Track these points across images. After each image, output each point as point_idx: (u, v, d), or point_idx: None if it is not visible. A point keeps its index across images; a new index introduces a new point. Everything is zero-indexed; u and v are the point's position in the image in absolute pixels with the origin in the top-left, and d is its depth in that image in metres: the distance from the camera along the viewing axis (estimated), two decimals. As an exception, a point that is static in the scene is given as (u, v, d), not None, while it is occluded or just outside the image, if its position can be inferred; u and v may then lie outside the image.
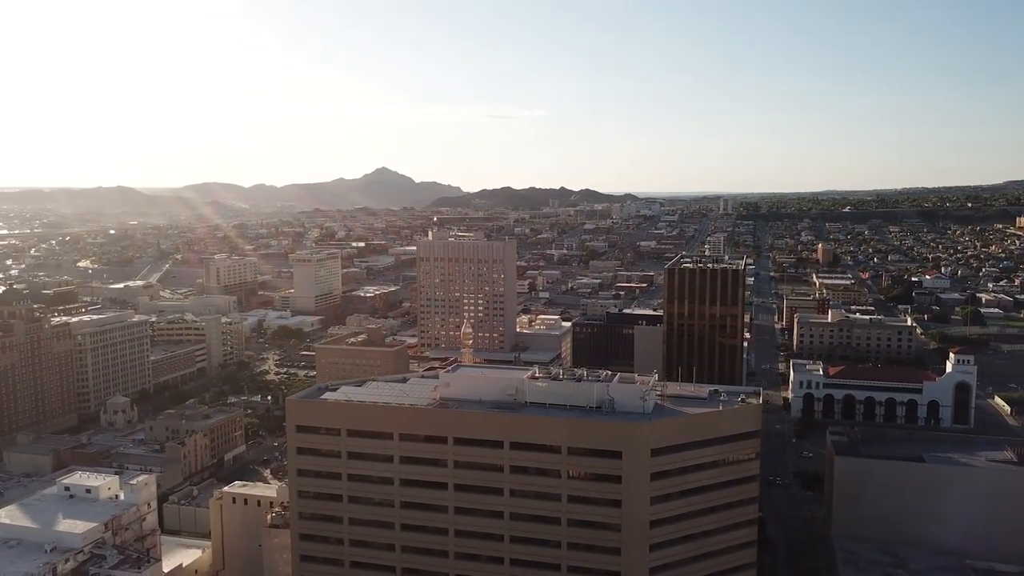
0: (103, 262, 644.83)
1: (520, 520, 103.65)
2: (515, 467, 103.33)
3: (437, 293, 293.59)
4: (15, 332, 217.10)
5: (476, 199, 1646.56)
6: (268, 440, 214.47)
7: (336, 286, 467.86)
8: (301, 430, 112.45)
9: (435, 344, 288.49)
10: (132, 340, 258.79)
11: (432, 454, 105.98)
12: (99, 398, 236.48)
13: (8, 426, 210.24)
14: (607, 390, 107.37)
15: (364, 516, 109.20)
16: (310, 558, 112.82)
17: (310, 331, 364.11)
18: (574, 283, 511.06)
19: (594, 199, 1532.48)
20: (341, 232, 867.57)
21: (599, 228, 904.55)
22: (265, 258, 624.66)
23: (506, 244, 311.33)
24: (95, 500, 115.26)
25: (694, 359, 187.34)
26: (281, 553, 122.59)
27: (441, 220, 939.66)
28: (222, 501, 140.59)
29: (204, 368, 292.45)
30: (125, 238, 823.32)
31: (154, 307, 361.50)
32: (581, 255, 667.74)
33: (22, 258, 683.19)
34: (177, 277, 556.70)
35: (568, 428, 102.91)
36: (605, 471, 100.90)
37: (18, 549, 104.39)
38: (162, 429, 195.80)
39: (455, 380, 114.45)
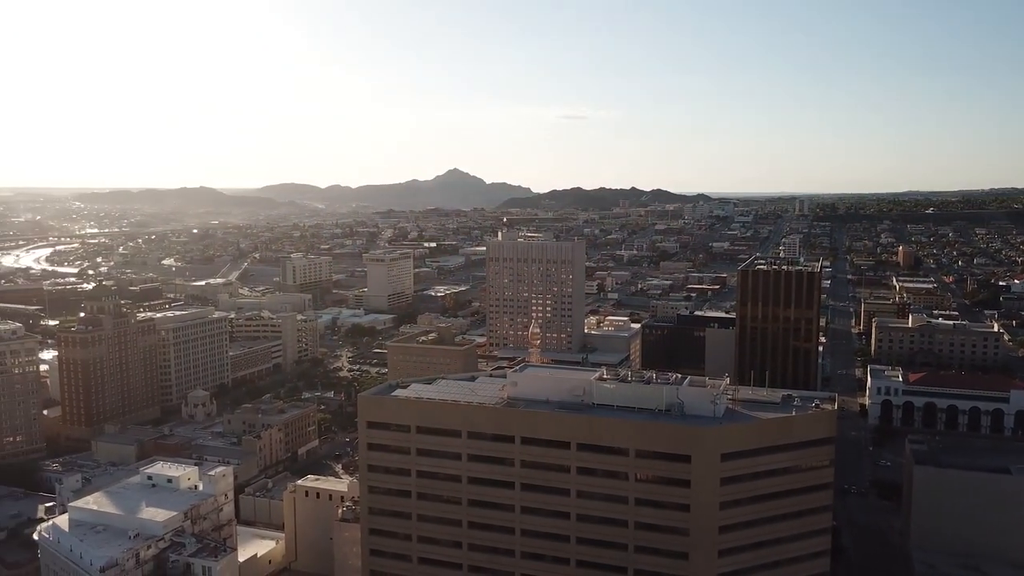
0: (186, 260, 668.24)
1: (587, 521, 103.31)
2: (582, 468, 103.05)
3: (506, 293, 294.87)
4: (104, 326, 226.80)
5: (546, 200, 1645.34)
6: (340, 435, 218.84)
7: (408, 285, 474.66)
8: (372, 426, 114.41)
9: (503, 344, 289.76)
10: (212, 336, 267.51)
11: (499, 453, 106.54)
12: (181, 391, 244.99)
13: (97, 416, 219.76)
14: (676, 393, 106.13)
15: (432, 513, 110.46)
16: (379, 553, 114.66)
17: (382, 329, 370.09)
18: (644, 284, 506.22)
19: (666, 199, 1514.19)
20: (413, 232, 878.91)
21: (670, 229, 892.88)
22: (340, 257, 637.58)
23: (575, 245, 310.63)
24: (176, 490, 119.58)
25: (767, 363, 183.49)
26: (351, 547, 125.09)
27: (511, 221, 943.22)
28: (295, 494, 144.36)
29: (280, 364, 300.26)
30: (207, 237, 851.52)
31: (233, 304, 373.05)
32: (651, 256, 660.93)
33: (111, 256, 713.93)
34: (255, 275, 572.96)
35: (636, 430, 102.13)
36: (673, 475, 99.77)
37: (104, 534, 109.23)
38: (239, 423, 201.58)
39: (523, 380, 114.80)
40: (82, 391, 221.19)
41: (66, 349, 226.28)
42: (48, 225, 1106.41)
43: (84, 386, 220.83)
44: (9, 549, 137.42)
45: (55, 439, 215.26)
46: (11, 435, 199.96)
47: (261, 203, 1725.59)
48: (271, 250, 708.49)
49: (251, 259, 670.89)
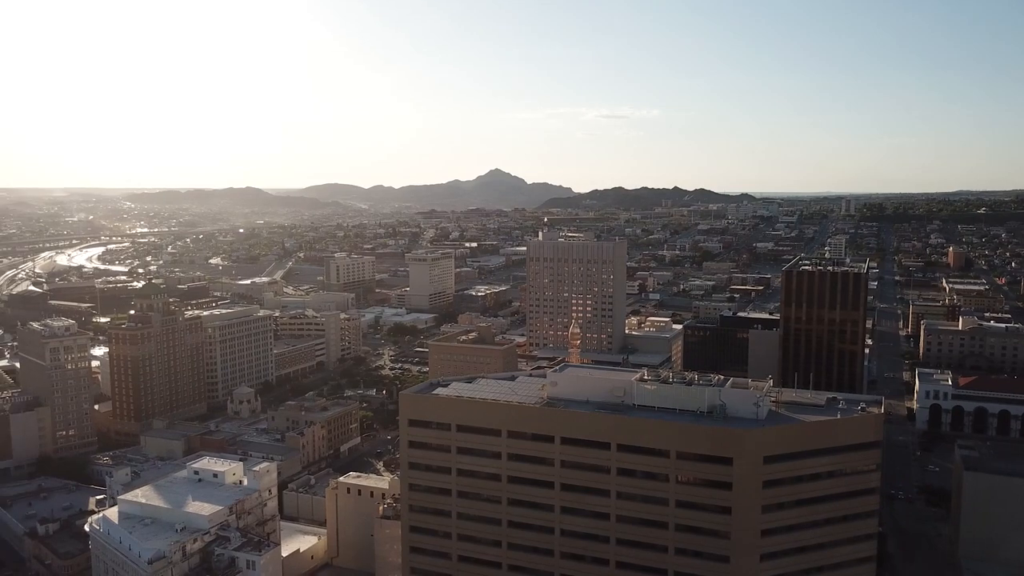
0: (232, 259, 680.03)
1: (626, 523, 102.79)
2: (622, 469, 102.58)
3: (546, 293, 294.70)
4: (153, 323, 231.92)
5: (587, 200, 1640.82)
6: (382, 433, 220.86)
7: (449, 285, 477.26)
8: (413, 424, 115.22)
9: (543, 344, 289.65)
10: (257, 334, 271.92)
11: (539, 452, 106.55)
12: (226, 388, 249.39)
13: (146, 412, 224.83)
14: (719, 395, 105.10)
15: (472, 511, 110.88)
16: (419, 550, 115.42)
17: (423, 328, 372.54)
18: (686, 285, 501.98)
19: (708, 199, 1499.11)
20: (455, 233, 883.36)
21: (713, 229, 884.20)
22: (382, 257, 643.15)
23: (616, 245, 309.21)
24: (221, 484, 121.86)
25: (811, 365, 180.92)
26: (392, 544, 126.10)
27: (551, 221, 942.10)
28: (337, 491, 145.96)
29: (323, 362, 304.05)
30: (252, 237, 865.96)
31: (278, 303, 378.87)
32: (694, 256, 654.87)
33: (160, 255, 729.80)
34: (300, 274, 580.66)
35: (677, 432, 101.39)
36: (715, 477, 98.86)
37: (152, 527, 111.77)
38: (283, 419, 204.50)
39: (562, 380, 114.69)
40: (131, 387, 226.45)
41: (117, 346, 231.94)
42: (100, 225, 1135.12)
43: (134, 382, 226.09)
44: (62, 540, 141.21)
45: (106, 433, 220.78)
46: (64, 429, 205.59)
47: (306, 203, 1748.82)
48: (315, 249, 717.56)
49: (296, 258, 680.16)
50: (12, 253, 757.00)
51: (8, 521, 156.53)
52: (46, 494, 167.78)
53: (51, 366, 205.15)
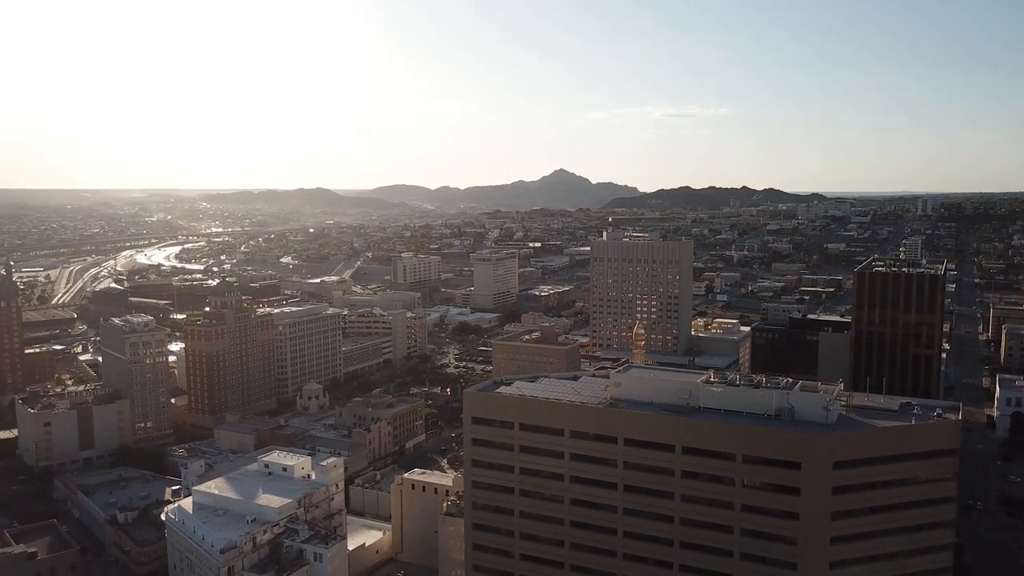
0: (302, 258, 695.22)
1: (691, 526, 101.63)
2: (686, 472, 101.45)
3: (610, 293, 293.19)
4: (227, 320, 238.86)
5: (652, 199, 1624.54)
6: (446, 430, 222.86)
7: (513, 285, 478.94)
8: (477, 422, 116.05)
9: (607, 344, 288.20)
10: (326, 331, 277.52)
11: (602, 453, 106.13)
12: (296, 384, 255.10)
13: (219, 406, 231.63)
14: (787, 398, 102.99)
15: (534, 510, 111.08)
16: (482, 548, 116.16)
17: (487, 327, 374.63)
18: (754, 286, 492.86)
19: (778, 199, 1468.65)
20: (519, 233, 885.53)
21: (783, 229, 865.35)
22: (448, 257, 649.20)
23: (682, 245, 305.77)
24: (290, 478, 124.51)
25: (884, 369, 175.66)
26: (455, 540, 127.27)
27: (616, 220, 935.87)
28: (402, 487, 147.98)
29: (389, 360, 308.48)
30: (322, 236, 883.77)
31: (346, 301, 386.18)
32: (763, 257, 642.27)
33: (234, 253, 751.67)
34: (368, 273, 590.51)
35: (744, 435, 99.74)
36: (782, 482, 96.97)
37: (224, 518, 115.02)
38: (350, 416, 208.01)
39: (626, 380, 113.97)
40: (206, 381, 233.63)
41: (192, 341, 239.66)
42: (177, 224, 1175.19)
43: (208, 376, 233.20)
44: (139, 528, 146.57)
45: (181, 426, 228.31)
46: (142, 421, 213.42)
47: (374, 204, 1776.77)
48: (383, 249, 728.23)
49: (364, 258, 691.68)
50: (96, 252, 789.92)
51: (90, 508, 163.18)
52: (125, 483, 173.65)
53: (130, 360, 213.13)
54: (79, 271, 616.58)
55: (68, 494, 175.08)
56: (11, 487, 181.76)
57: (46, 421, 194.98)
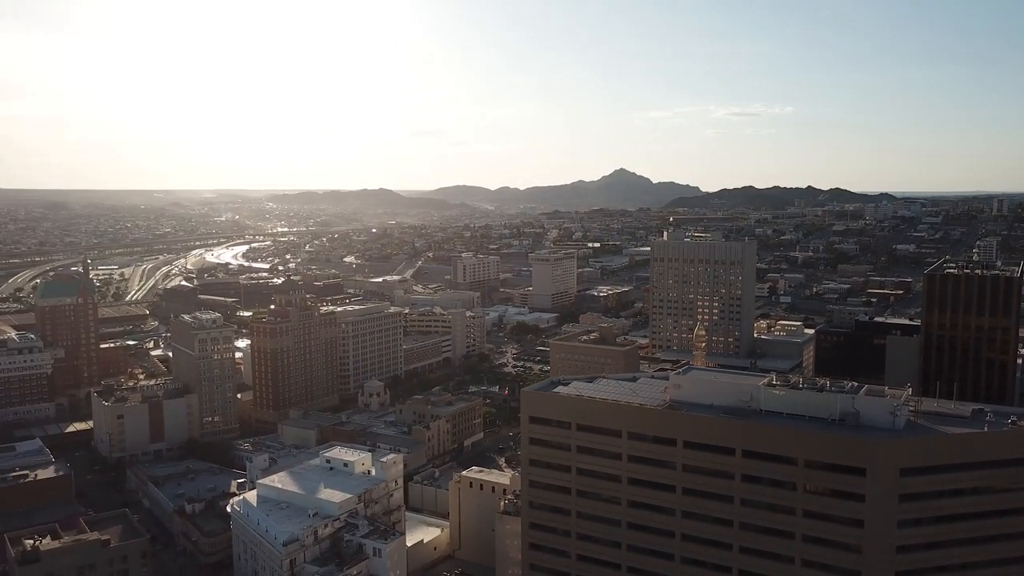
0: (365, 258, 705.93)
1: (751, 531, 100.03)
2: (747, 476, 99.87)
3: (670, 294, 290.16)
4: (291, 318, 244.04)
5: (715, 199, 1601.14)
6: (504, 429, 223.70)
7: (571, 285, 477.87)
8: (534, 421, 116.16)
9: (667, 346, 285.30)
10: (388, 330, 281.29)
11: (660, 455, 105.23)
12: (357, 381, 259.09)
13: (283, 401, 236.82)
14: (852, 402, 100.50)
15: (591, 511, 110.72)
16: (538, 547, 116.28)
17: (545, 327, 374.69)
18: (819, 288, 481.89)
19: (845, 199, 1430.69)
20: (578, 233, 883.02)
21: (850, 230, 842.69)
22: (507, 257, 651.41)
23: (745, 245, 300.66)
24: (351, 474, 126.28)
25: (955, 374, 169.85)
26: (512, 539, 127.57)
27: (677, 220, 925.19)
28: (460, 484, 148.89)
29: (449, 358, 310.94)
30: (384, 236, 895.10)
31: (407, 300, 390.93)
32: (828, 258, 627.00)
33: (299, 253, 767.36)
34: (428, 273, 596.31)
35: (806, 439, 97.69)
36: (846, 488, 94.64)
37: (287, 511, 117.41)
38: (410, 413, 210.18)
39: (686, 382, 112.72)
40: (271, 377, 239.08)
41: (258, 338, 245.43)
42: (245, 224, 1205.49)
43: (272, 373, 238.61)
44: (206, 519, 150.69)
45: (247, 421, 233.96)
46: (210, 415, 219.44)
47: (435, 204, 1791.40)
48: (443, 249, 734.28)
49: (425, 257, 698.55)
50: (167, 250, 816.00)
51: (160, 499, 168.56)
52: (193, 475, 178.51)
53: (199, 356, 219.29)
54: (151, 269, 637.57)
55: (139, 484, 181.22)
56: (87, 476, 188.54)
57: (119, 414, 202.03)
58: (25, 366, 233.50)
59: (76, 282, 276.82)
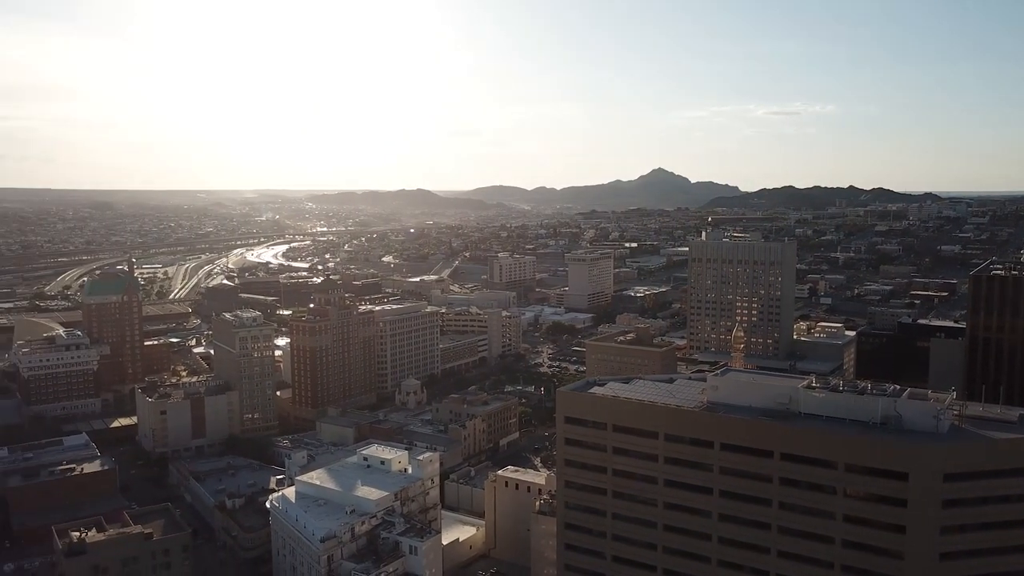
0: (403, 258, 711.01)
1: (789, 535, 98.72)
2: (785, 479, 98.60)
3: (708, 295, 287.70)
4: (330, 317, 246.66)
5: (754, 199, 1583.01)
6: (539, 429, 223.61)
7: (608, 285, 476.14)
8: (570, 422, 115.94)
9: (704, 347, 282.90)
10: (425, 329, 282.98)
11: (697, 457, 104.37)
12: (395, 380, 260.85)
13: (321, 399, 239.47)
14: (894, 405, 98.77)
15: (627, 512, 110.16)
16: (573, 547, 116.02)
17: (581, 327, 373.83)
18: (861, 289, 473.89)
19: (888, 199, 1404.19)
20: (615, 233, 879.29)
21: (892, 230, 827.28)
22: (543, 257, 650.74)
23: (785, 245, 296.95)
24: (387, 471, 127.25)
25: (1001, 378, 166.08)
26: (547, 539, 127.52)
27: (716, 220, 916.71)
28: (496, 484, 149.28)
29: (485, 358, 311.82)
30: (422, 236, 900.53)
31: (444, 300, 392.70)
32: (870, 259, 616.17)
33: (337, 252, 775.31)
34: (465, 273, 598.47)
35: (846, 443, 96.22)
36: (887, 493, 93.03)
37: (325, 508, 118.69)
38: (446, 412, 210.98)
39: (724, 384, 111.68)
40: (309, 375, 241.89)
41: (297, 337, 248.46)
42: (285, 224, 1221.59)
43: (311, 371, 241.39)
44: (246, 514, 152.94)
45: (286, 418, 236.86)
46: (250, 412, 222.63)
47: (472, 204, 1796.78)
48: (480, 249, 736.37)
49: (462, 257, 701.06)
50: (209, 249, 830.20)
51: (201, 494, 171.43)
52: (233, 471, 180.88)
53: (240, 354, 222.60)
54: (194, 268, 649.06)
55: (181, 479, 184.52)
56: (131, 471, 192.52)
57: (162, 410, 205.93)
58: (72, 362, 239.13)
59: (121, 280, 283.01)
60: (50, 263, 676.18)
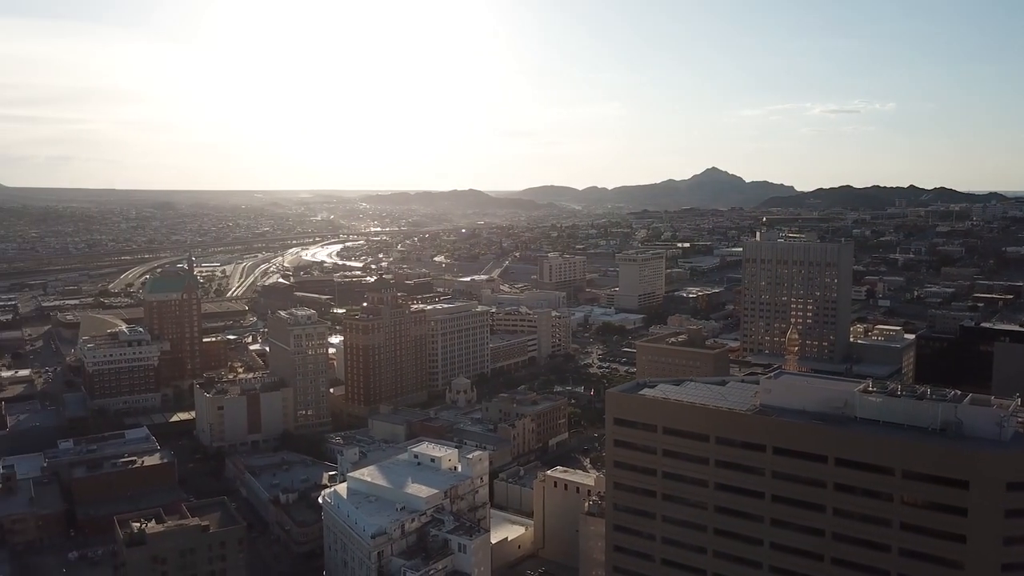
0: (454, 258, 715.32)
1: (844, 542, 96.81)
2: (840, 485, 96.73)
3: (763, 296, 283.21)
4: (382, 316, 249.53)
5: (810, 198, 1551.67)
6: (588, 430, 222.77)
7: (659, 286, 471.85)
8: (619, 423, 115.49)
9: (758, 349, 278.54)
10: (475, 328, 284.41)
11: (749, 461, 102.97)
12: (445, 378, 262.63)
13: (373, 397, 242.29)
14: (955, 411, 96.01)
15: (677, 515, 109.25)
16: (622, 549, 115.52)
17: (632, 328, 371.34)
18: (921, 291, 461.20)
19: (950, 199, 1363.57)
20: (667, 233, 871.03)
21: (955, 231, 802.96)
22: (593, 257, 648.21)
23: (842, 246, 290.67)
24: (437, 469, 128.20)
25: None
26: (596, 540, 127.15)
27: (771, 220, 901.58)
28: (545, 484, 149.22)
29: (534, 357, 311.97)
30: (473, 236, 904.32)
31: (494, 299, 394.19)
32: (931, 260, 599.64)
33: (391, 252, 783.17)
34: (515, 273, 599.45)
35: (905, 449, 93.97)
36: (947, 501, 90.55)
37: (376, 504, 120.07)
38: (496, 411, 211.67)
39: (777, 387, 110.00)
40: (362, 373, 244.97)
41: (350, 335, 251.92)
42: (339, 224, 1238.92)
43: (364, 368, 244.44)
44: (299, 509, 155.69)
45: (338, 415, 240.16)
46: (304, 409, 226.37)
47: (523, 204, 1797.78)
48: (530, 249, 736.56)
49: (512, 257, 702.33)
50: (266, 248, 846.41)
51: (256, 488, 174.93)
52: (287, 466, 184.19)
53: (294, 351, 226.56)
54: (251, 267, 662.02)
55: (237, 474, 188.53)
56: (188, 464, 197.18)
57: (220, 405, 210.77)
58: (134, 358, 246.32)
59: (181, 278, 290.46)
60: (114, 261, 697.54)
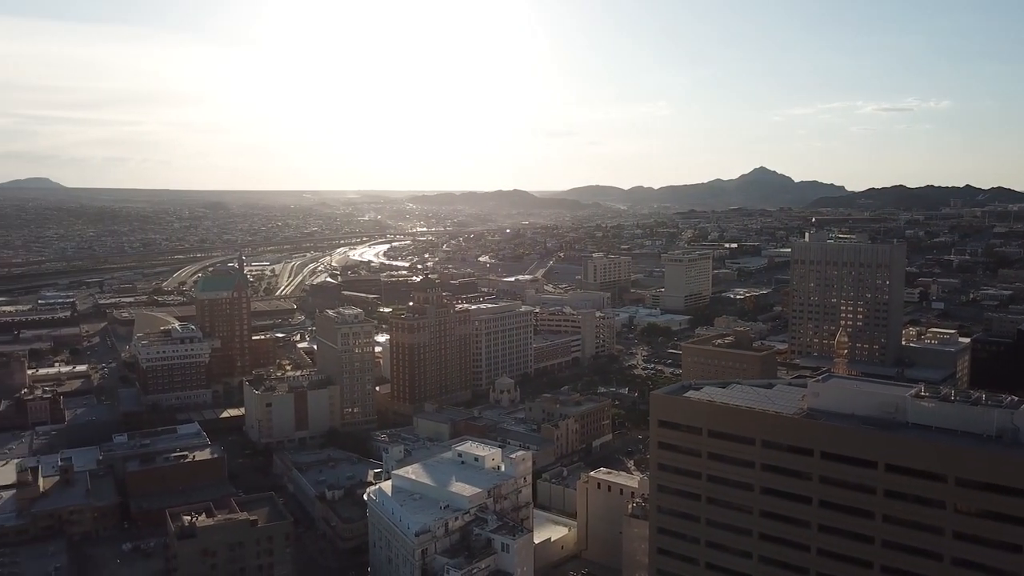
0: (499, 257, 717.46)
1: (893, 549, 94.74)
2: (890, 491, 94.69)
3: (811, 298, 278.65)
4: (427, 315, 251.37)
5: (861, 199, 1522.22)
6: (632, 432, 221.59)
7: (706, 287, 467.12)
8: (663, 425, 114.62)
9: (806, 352, 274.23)
10: (519, 328, 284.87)
11: (796, 465, 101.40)
12: (489, 378, 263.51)
13: (418, 395, 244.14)
14: (1011, 417, 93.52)
15: (721, 519, 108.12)
16: (666, 552, 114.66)
17: (677, 330, 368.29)
18: (977, 294, 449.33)
19: (1008, 199, 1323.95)
20: (714, 233, 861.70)
21: (1013, 232, 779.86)
22: (639, 257, 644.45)
23: (894, 247, 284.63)
24: (481, 468, 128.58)
25: None
26: (640, 543, 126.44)
27: (820, 221, 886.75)
28: (588, 485, 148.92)
29: (578, 358, 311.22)
30: (517, 237, 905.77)
31: (538, 299, 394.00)
32: (988, 262, 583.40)
33: (436, 252, 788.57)
34: (559, 273, 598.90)
35: (958, 456, 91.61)
36: (1002, 510, 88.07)
37: (420, 502, 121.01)
38: (539, 411, 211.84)
39: (825, 391, 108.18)
40: (407, 372, 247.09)
41: (396, 334, 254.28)
42: (386, 224, 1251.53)
43: (409, 367, 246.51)
44: (344, 505, 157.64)
45: (384, 413, 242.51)
46: (350, 406, 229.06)
47: (567, 204, 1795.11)
48: (575, 249, 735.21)
49: (556, 257, 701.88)
50: (314, 248, 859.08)
51: (303, 484, 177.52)
52: (333, 463, 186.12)
53: (341, 350, 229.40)
54: (299, 266, 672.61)
55: (284, 470, 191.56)
56: (238, 460, 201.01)
57: (268, 402, 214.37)
58: (186, 355, 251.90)
59: (232, 277, 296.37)
60: (167, 260, 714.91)
